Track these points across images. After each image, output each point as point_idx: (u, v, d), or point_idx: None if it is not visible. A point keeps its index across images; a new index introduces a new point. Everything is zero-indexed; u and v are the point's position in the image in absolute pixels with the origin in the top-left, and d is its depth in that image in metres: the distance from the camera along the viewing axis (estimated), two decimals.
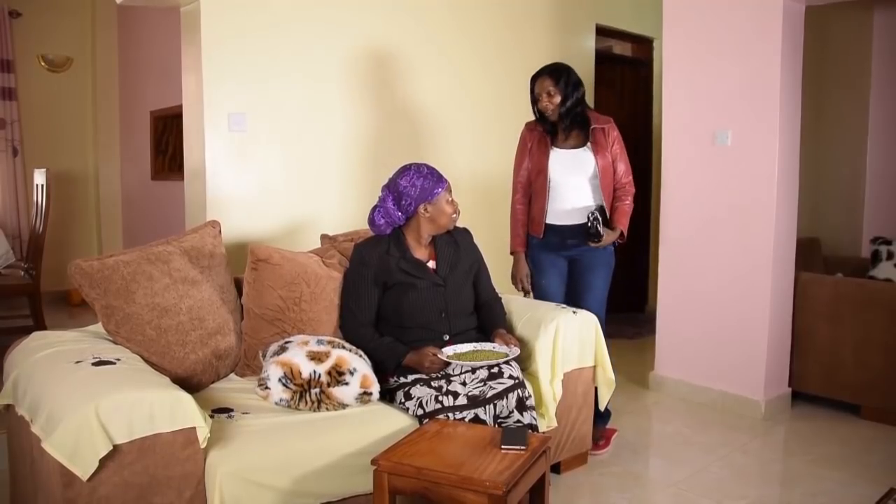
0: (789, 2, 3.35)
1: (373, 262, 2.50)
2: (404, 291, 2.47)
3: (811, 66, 3.98)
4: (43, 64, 5.98)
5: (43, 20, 5.94)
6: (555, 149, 3.00)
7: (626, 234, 3.04)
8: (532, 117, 3.11)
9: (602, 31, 5.10)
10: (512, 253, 3.16)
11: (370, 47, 3.82)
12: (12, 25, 5.72)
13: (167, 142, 5.32)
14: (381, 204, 2.54)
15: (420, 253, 2.56)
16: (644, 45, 5.60)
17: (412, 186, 2.47)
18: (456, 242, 2.63)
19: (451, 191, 2.54)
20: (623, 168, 3.05)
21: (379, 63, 3.87)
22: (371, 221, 2.57)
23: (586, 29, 4.93)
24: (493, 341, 2.48)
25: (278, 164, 3.50)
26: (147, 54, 5.53)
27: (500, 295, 2.78)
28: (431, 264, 2.55)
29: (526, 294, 3.15)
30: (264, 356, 2.39)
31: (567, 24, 4.78)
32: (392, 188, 2.52)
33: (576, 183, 3.00)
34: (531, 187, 3.08)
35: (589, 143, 2.99)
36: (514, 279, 3.16)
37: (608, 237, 2.96)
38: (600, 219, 2.90)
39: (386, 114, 3.91)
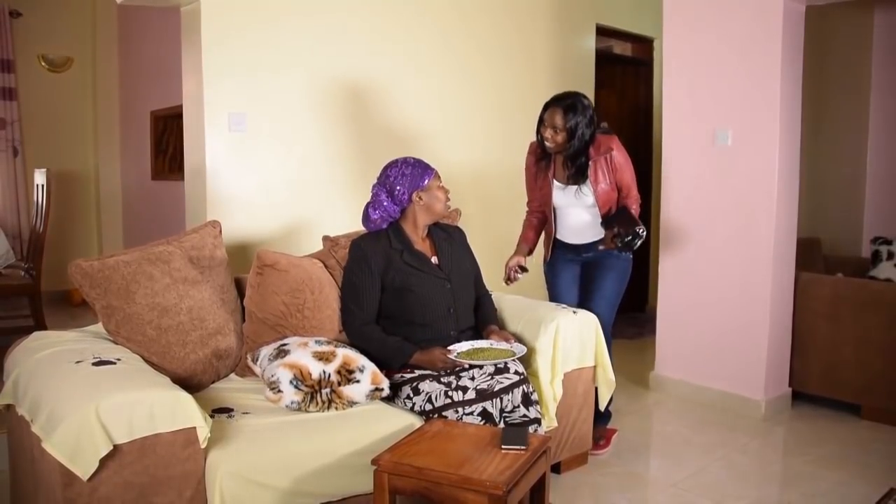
0: (790, 2, 3.35)
1: (376, 256, 2.49)
2: (410, 287, 2.46)
3: (811, 65, 3.98)
4: (43, 64, 5.98)
5: (43, 20, 5.94)
6: (556, 183, 3.02)
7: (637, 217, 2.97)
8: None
9: (602, 31, 5.10)
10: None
11: (371, 46, 3.82)
12: (12, 25, 5.71)
13: (167, 142, 5.32)
14: (374, 199, 2.56)
15: (421, 247, 2.57)
16: (644, 45, 5.60)
17: (402, 175, 2.52)
18: (451, 237, 2.67)
19: (440, 178, 2.57)
20: (627, 183, 2.98)
21: (380, 62, 3.86)
22: (365, 217, 2.58)
23: (586, 29, 4.93)
24: (485, 338, 2.50)
25: (278, 164, 3.50)
26: (147, 54, 5.53)
27: (489, 291, 2.81)
28: (434, 260, 2.57)
29: (507, 282, 3.04)
30: (255, 360, 2.38)
31: (567, 24, 4.78)
32: (383, 182, 2.56)
33: (579, 211, 3.04)
34: (542, 208, 3.13)
35: (589, 181, 2.93)
36: (506, 266, 3.08)
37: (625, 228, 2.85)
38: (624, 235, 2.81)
39: (387, 113, 3.91)
